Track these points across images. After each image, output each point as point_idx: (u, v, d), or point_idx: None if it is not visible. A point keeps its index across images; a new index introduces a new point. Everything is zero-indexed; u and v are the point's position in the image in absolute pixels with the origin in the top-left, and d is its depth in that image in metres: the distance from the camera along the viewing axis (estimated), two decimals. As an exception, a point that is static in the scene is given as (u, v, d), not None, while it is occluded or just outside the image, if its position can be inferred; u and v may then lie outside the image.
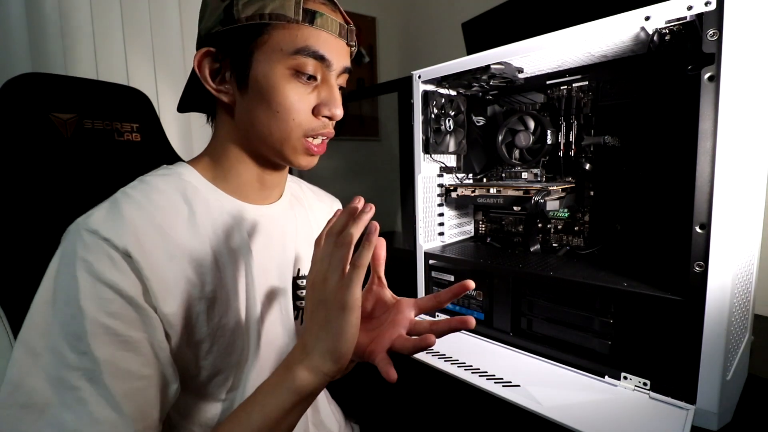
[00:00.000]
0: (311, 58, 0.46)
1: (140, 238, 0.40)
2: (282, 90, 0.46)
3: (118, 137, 0.68)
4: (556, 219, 0.78)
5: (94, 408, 0.36)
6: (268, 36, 0.45)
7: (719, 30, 0.44)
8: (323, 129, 0.50)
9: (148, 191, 0.45)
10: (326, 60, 0.47)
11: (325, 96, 0.48)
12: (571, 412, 0.49)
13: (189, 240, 0.45)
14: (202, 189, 0.49)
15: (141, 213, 0.42)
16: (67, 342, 0.36)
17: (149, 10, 1.19)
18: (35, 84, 0.61)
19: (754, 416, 0.51)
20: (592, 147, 0.71)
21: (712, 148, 0.45)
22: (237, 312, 0.48)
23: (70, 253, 0.38)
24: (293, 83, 0.47)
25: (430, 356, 0.65)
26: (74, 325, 0.37)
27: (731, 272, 0.45)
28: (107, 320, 0.37)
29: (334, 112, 0.49)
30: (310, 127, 0.48)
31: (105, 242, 0.38)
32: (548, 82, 0.75)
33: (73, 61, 1.08)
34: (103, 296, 0.38)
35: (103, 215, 0.40)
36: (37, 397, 0.35)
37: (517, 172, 0.82)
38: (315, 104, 0.48)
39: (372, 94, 1.91)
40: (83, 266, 0.38)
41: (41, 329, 0.37)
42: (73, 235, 0.40)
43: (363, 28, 1.94)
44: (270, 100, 0.46)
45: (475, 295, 0.73)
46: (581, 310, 0.59)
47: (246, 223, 0.51)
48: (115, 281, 0.38)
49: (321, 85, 0.49)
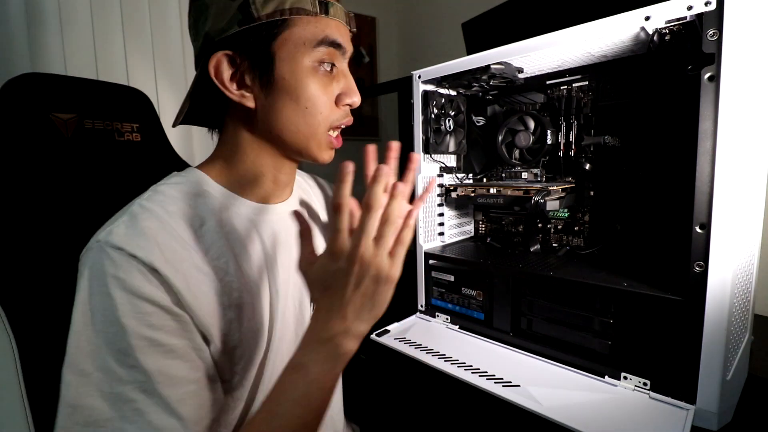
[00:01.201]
0: (332, 48, 0.47)
1: (165, 252, 0.40)
2: (309, 84, 0.47)
3: (118, 137, 0.68)
4: (556, 219, 0.78)
5: (152, 417, 0.36)
6: (289, 32, 0.45)
7: (719, 30, 0.44)
8: (345, 118, 0.51)
9: (165, 203, 0.44)
10: (342, 47, 0.48)
11: (344, 85, 0.50)
12: (571, 412, 0.49)
13: (210, 249, 0.45)
14: (218, 195, 0.49)
15: (161, 226, 0.41)
16: (114, 359, 0.37)
17: (149, 10, 1.19)
18: (35, 84, 0.61)
19: (754, 416, 0.51)
20: (592, 147, 0.71)
21: (712, 148, 0.45)
22: (262, 314, 0.49)
23: (99, 272, 0.38)
24: (317, 76, 0.47)
25: (430, 356, 0.65)
26: (119, 342, 0.37)
27: (731, 272, 0.45)
28: (150, 332, 0.38)
29: (354, 100, 0.50)
30: (335, 118, 0.50)
31: (133, 258, 0.38)
32: (548, 82, 0.75)
33: (73, 61, 1.08)
34: (141, 310, 0.38)
35: (123, 231, 0.40)
36: (96, 415, 0.36)
37: (517, 172, 0.82)
38: (337, 94, 0.49)
39: (372, 94, 1.91)
40: (116, 284, 0.37)
41: (87, 351, 0.37)
42: (97, 253, 0.39)
43: (363, 28, 1.93)
44: (299, 96, 0.46)
45: (475, 295, 0.73)
46: (581, 310, 0.59)
47: (264, 224, 0.51)
48: (150, 294, 0.38)
49: (338, 74, 0.50)
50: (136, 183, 0.47)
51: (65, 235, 0.57)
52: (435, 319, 0.79)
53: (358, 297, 0.38)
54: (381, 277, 0.38)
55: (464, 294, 0.74)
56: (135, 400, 0.36)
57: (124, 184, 0.47)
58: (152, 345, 0.38)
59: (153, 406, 0.37)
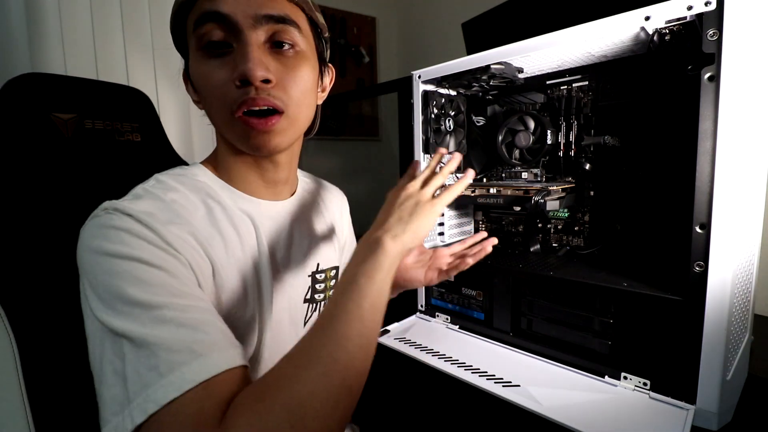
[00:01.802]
0: (211, 23, 0.41)
1: (161, 218, 0.40)
2: (200, 73, 0.43)
3: (118, 137, 0.68)
4: (556, 219, 0.78)
5: (198, 324, 0.34)
6: (187, 26, 0.45)
7: (719, 30, 0.44)
8: (243, 98, 0.42)
9: (166, 189, 0.45)
10: (223, 15, 0.41)
11: (238, 58, 0.42)
12: (571, 412, 0.49)
13: (203, 232, 0.44)
14: (217, 188, 0.49)
15: (162, 206, 0.42)
16: (142, 289, 0.35)
17: (149, 10, 1.19)
18: (35, 84, 0.61)
19: (754, 416, 0.51)
20: (592, 147, 0.71)
21: (712, 148, 0.45)
22: (252, 307, 0.48)
23: (109, 227, 0.37)
24: (206, 60, 0.43)
25: (430, 356, 0.65)
26: (141, 272, 0.35)
27: (731, 272, 0.45)
28: (153, 259, 0.36)
29: (243, 71, 0.41)
30: (231, 99, 0.42)
31: (130, 216, 0.38)
32: (548, 82, 0.75)
33: (73, 61, 1.08)
34: (153, 252, 0.37)
35: (129, 205, 0.40)
36: (168, 313, 0.34)
37: (517, 172, 0.82)
38: (231, 72, 0.42)
39: (372, 94, 1.91)
40: (128, 234, 0.37)
41: (113, 289, 0.35)
42: (107, 214, 0.39)
43: (363, 28, 1.94)
44: (199, 87, 0.46)
45: (475, 295, 0.73)
46: (581, 310, 0.59)
47: (260, 219, 0.51)
48: (147, 235, 0.38)
49: (237, 49, 0.42)
50: (136, 183, 0.47)
51: (65, 235, 0.57)
52: (435, 319, 0.79)
53: (399, 211, 0.46)
54: (421, 201, 0.46)
55: (464, 294, 0.74)
56: (174, 315, 0.34)
57: (124, 184, 0.47)
58: (161, 276, 0.36)
59: (194, 318, 0.35)
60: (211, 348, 0.33)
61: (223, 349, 0.34)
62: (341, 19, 1.86)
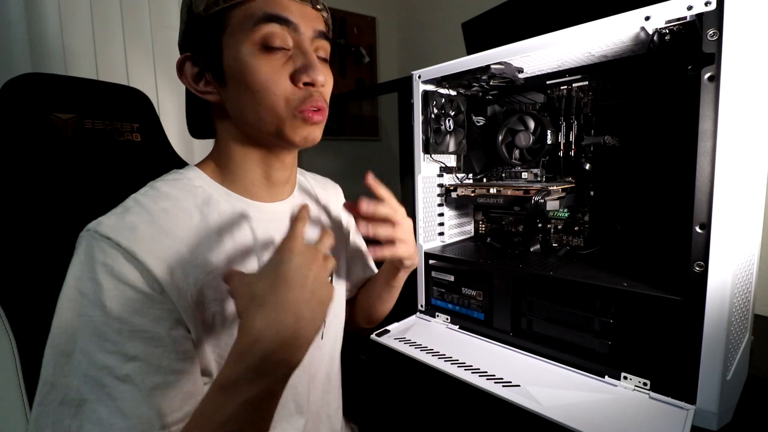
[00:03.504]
0: (275, 24, 0.44)
1: (149, 244, 0.41)
2: (253, 67, 0.44)
3: (118, 137, 0.68)
4: (556, 219, 0.78)
5: (125, 404, 0.37)
6: (229, 19, 0.45)
7: (719, 30, 0.44)
8: (308, 101, 0.46)
9: (158, 198, 0.45)
10: (291, 23, 0.45)
11: (300, 62, 0.45)
12: (571, 412, 0.49)
13: (201, 244, 0.45)
14: (213, 192, 0.49)
15: (151, 220, 0.42)
16: (95, 343, 0.37)
17: (149, 10, 1.19)
18: (35, 84, 0.61)
19: (754, 416, 0.51)
20: (592, 147, 0.71)
21: (712, 148, 0.45)
22: None
23: (89, 258, 0.39)
24: (264, 57, 0.44)
25: (430, 356, 0.65)
26: (101, 327, 0.37)
27: (731, 272, 0.45)
28: (133, 318, 0.38)
29: (313, 77, 0.45)
30: (296, 98, 0.46)
31: (118, 247, 0.39)
32: (548, 82, 0.75)
33: (73, 61, 1.08)
34: (126, 296, 0.38)
35: (113, 222, 0.41)
36: (73, 394, 0.37)
37: (517, 172, 0.82)
38: (291, 72, 0.45)
39: (372, 94, 1.91)
40: (104, 269, 0.38)
41: (70, 332, 0.38)
42: (88, 241, 0.40)
43: (363, 28, 1.94)
44: (246, 82, 0.45)
45: (475, 295, 0.73)
46: (581, 310, 0.59)
47: (258, 222, 0.51)
48: (134, 281, 0.39)
49: (294, 53, 0.46)
50: (136, 183, 0.47)
51: (65, 235, 0.57)
52: (435, 319, 0.79)
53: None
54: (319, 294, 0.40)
55: (464, 294, 0.74)
56: (110, 386, 0.37)
57: (124, 184, 0.47)
58: (134, 331, 0.38)
59: (127, 393, 0.37)
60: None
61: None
62: (341, 19, 1.86)
